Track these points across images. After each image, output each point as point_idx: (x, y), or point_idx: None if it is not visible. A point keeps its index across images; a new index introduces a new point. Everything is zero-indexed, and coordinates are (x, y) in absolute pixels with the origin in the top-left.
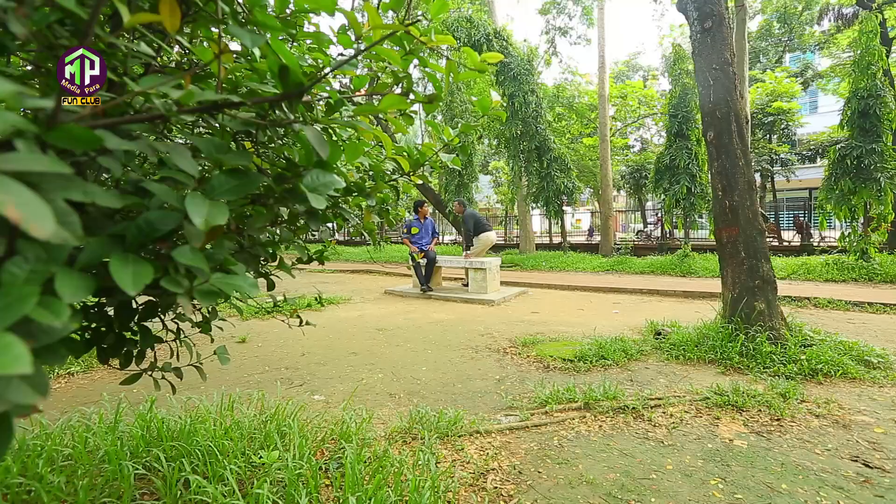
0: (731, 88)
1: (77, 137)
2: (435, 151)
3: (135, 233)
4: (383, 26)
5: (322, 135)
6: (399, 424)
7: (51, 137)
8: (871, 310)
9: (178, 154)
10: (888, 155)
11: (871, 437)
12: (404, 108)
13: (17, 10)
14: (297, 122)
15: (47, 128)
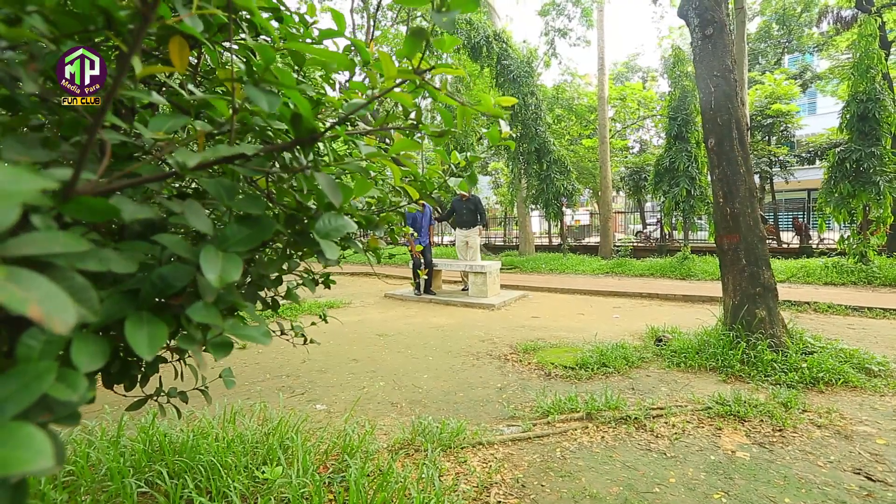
0: (733, 95)
1: (93, 209)
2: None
3: (149, 289)
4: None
5: (335, 181)
6: (402, 436)
7: (67, 210)
8: (871, 315)
9: (193, 213)
10: (887, 159)
11: (873, 449)
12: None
13: (30, 65)
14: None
15: (63, 199)
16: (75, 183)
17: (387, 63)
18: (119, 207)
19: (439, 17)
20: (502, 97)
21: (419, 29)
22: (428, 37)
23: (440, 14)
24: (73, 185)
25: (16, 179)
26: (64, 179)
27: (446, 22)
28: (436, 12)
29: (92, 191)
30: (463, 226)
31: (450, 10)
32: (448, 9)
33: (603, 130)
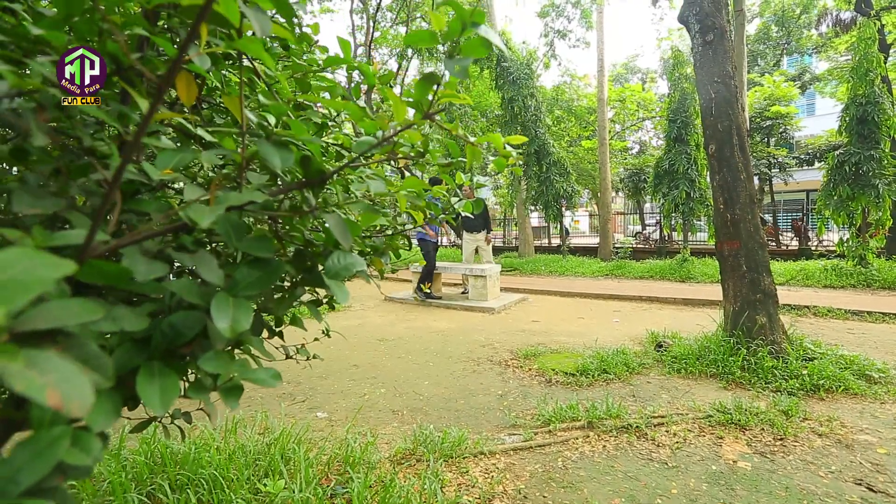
0: (733, 101)
1: (106, 273)
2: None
3: (159, 338)
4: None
5: (344, 222)
6: (403, 446)
7: (80, 275)
8: (871, 319)
9: (204, 266)
10: (886, 161)
11: (874, 459)
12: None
13: (39, 115)
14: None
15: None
16: (88, 246)
17: (397, 106)
18: (132, 268)
19: (451, 64)
20: (513, 136)
21: (431, 74)
22: (438, 80)
23: (452, 61)
24: (85, 249)
25: (31, 268)
26: (77, 243)
27: (459, 71)
28: (447, 59)
29: (104, 252)
30: (472, 229)
31: (462, 58)
32: (461, 55)
33: (602, 132)
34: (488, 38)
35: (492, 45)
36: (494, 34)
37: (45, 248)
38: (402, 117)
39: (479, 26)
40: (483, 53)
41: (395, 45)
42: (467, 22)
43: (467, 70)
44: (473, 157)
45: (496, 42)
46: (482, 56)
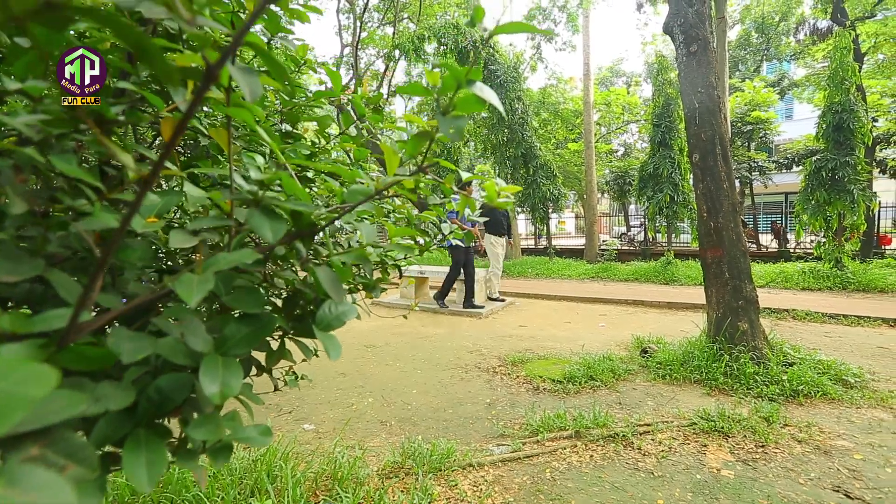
0: (716, 112)
1: (90, 358)
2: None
3: (146, 405)
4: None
5: (336, 275)
6: (392, 459)
7: (62, 361)
8: (847, 322)
9: (192, 332)
10: (860, 168)
11: (851, 465)
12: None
13: (17, 177)
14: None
15: (57, 349)
16: (70, 331)
17: (390, 157)
18: (117, 349)
19: (446, 123)
20: (508, 186)
21: (425, 132)
22: (433, 137)
23: (447, 120)
24: (68, 335)
25: (22, 382)
26: (60, 327)
27: (454, 133)
28: (441, 116)
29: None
30: (501, 233)
31: (457, 118)
32: (455, 111)
33: (588, 135)
34: (483, 97)
35: (486, 103)
36: (490, 91)
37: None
38: (394, 168)
39: (473, 83)
40: (479, 109)
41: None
42: (462, 81)
43: (462, 130)
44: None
45: (492, 100)
46: (478, 111)
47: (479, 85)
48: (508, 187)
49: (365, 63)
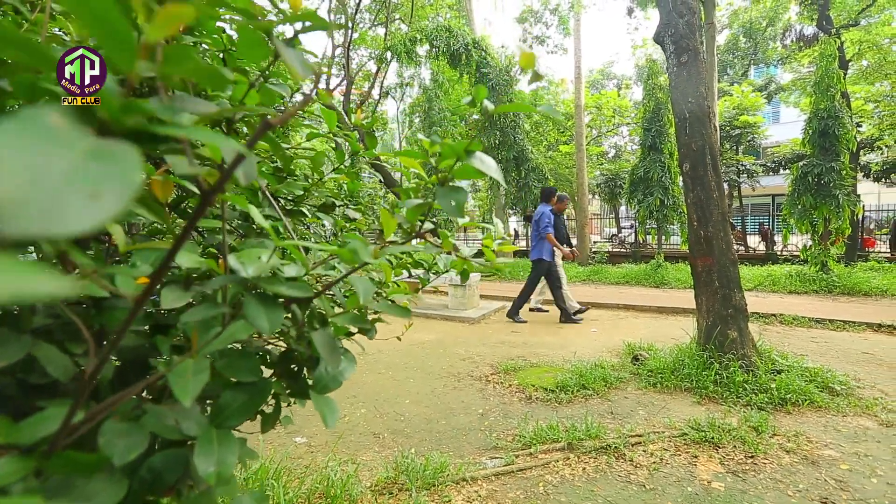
0: (706, 122)
1: (80, 463)
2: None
3: (138, 486)
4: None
5: (334, 340)
6: (385, 474)
7: (51, 469)
8: (832, 327)
9: (187, 418)
10: (845, 173)
11: (837, 475)
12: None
13: None
14: (305, 325)
15: (46, 456)
16: (60, 437)
17: (387, 221)
18: (109, 451)
19: (445, 198)
20: (505, 245)
21: (424, 203)
22: (430, 205)
23: (445, 193)
24: (57, 441)
25: None
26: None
27: (453, 208)
28: (440, 187)
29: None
30: (562, 242)
31: (457, 190)
32: (454, 180)
33: (580, 138)
34: (483, 170)
35: (484, 173)
36: (490, 160)
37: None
38: (391, 231)
39: (472, 155)
40: (478, 177)
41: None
42: (461, 156)
43: (463, 205)
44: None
45: (491, 171)
46: (477, 179)
47: (479, 155)
48: (507, 246)
49: (357, 64)
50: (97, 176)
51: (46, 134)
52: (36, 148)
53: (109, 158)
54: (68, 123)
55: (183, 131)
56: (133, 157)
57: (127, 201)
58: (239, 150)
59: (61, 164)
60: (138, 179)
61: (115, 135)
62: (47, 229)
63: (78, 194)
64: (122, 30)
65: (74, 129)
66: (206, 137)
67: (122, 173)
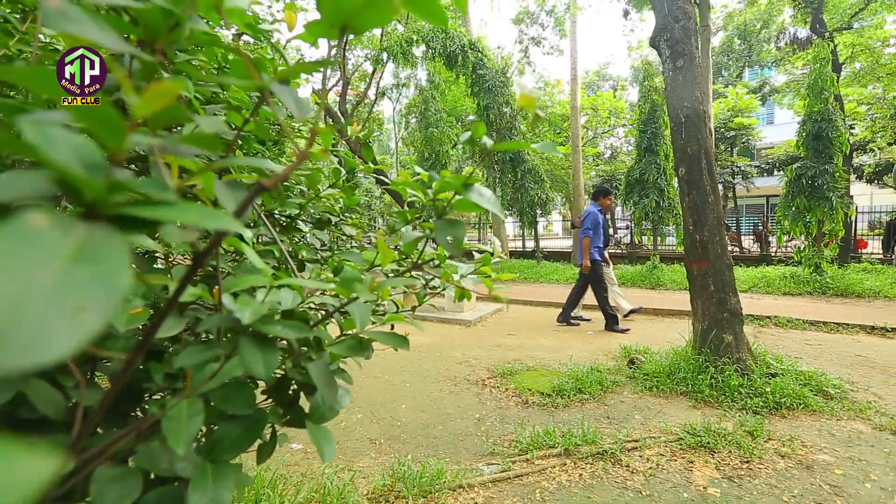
0: (702, 126)
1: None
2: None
3: None
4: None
5: (330, 371)
6: (382, 482)
7: None
8: (826, 329)
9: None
10: (839, 175)
11: (832, 480)
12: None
13: None
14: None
15: None
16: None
17: (384, 251)
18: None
19: (442, 232)
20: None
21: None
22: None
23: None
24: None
25: None
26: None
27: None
28: (437, 220)
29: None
30: (608, 244)
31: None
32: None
33: (576, 139)
34: (481, 204)
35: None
36: (487, 192)
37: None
38: (388, 261)
39: (470, 188)
40: (478, 210)
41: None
42: (459, 190)
43: (462, 241)
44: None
45: (489, 205)
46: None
47: (477, 188)
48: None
49: (353, 64)
50: (82, 285)
51: (29, 242)
52: (18, 264)
53: (95, 260)
54: (51, 223)
55: (171, 213)
56: (120, 251)
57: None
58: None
59: (45, 279)
60: (125, 283)
61: (103, 218)
62: (32, 360)
63: (62, 312)
64: (107, 112)
65: (58, 228)
66: (194, 218)
67: (108, 278)
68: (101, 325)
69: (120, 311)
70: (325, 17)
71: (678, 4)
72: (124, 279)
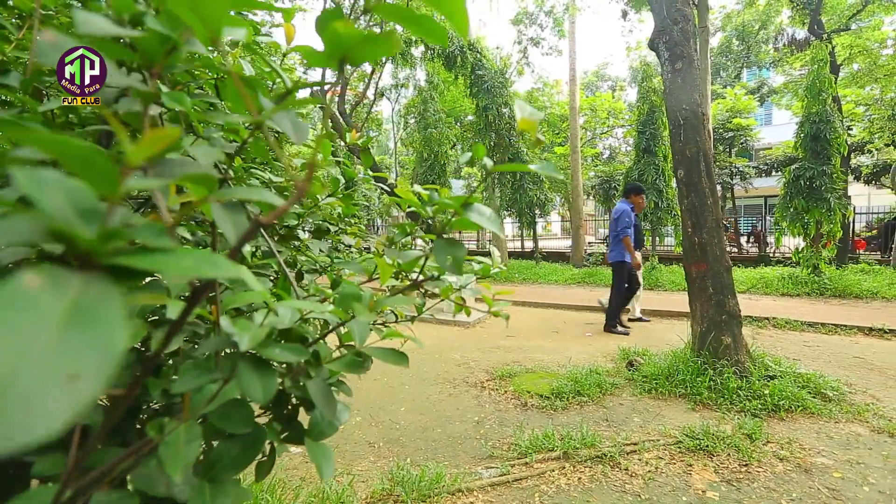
0: (700, 129)
1: None
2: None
3: None
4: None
5: (329, 388)
6: (381, 486)
7: None
8: (824, 331)
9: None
10: (836, 177)
11: (830, 484)
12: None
13: None
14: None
15: None
16: None
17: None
18: None
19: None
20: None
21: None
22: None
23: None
24: None
25: None
26: None
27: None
28: (437, 239)
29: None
30: (639, 246)
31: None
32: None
33: (574, 140)
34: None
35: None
36: (487, 211)
37: None
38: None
39: (470, 207)
40: (475, 228)
41: None
42: (459, 211)
43: (462, 262)
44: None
45: (488, 224)
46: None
47: (476, 207)
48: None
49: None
50: (76, 352)
51: (21, 308)
52: (10, 333)
53: (90, 321)
54: (43, 283)
55: (167, 263)
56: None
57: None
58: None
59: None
60: (121, 346)
61: (97, 268)
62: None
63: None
64: (101, 163)
65: (50, 288)
66: (192, 266)
67: (103, 341)
68: (98, 392)
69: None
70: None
71: (677, 7)
72: (120, 342)
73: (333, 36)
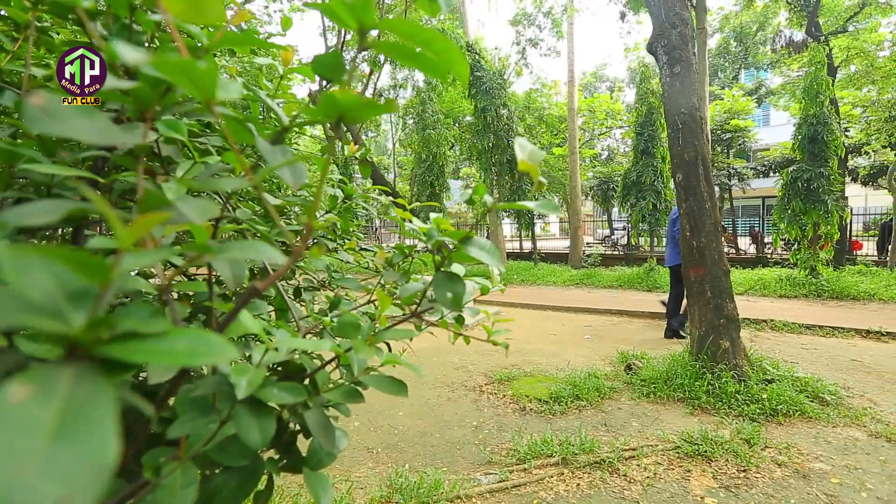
0: (699, 132)
1: None
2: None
3: None
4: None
5: (327, 418)
6: (379, 493)
7: None
8: (822, 333)
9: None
10: (834, 178)
11: (828, 489)
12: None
13: None
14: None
15: None
16: None
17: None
18: None
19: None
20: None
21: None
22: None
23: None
24: None
25: None
26: None
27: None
28: (436, 272)
29: None
30: None
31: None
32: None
33: (573, 141)
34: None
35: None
36: (486, 243)
37: None
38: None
39: (469, 241)
40: (474, 261)
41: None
42: (458, 246)
43: (461, 298)
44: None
45: (487, 259)
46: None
47: (476, 240)
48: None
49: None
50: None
51: (9, 424)
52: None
53: (80, 430)
54: (32, 392)
55: (159, 352)
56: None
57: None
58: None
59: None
60: (112, 456)
61: (88, 358)
62: None
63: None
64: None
65: (39, 397)
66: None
67: (93, 454)
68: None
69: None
70: (322, 110)
71: (675, 10)
72: (111, 451)
73: (330, 101)
